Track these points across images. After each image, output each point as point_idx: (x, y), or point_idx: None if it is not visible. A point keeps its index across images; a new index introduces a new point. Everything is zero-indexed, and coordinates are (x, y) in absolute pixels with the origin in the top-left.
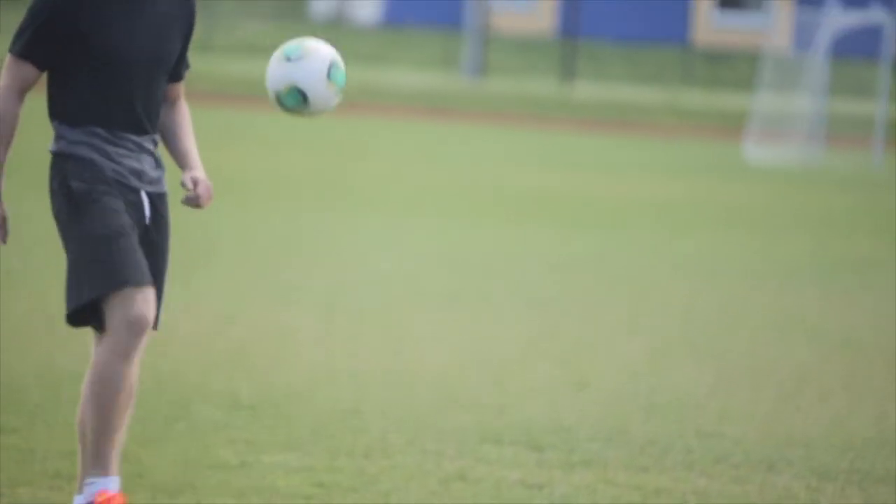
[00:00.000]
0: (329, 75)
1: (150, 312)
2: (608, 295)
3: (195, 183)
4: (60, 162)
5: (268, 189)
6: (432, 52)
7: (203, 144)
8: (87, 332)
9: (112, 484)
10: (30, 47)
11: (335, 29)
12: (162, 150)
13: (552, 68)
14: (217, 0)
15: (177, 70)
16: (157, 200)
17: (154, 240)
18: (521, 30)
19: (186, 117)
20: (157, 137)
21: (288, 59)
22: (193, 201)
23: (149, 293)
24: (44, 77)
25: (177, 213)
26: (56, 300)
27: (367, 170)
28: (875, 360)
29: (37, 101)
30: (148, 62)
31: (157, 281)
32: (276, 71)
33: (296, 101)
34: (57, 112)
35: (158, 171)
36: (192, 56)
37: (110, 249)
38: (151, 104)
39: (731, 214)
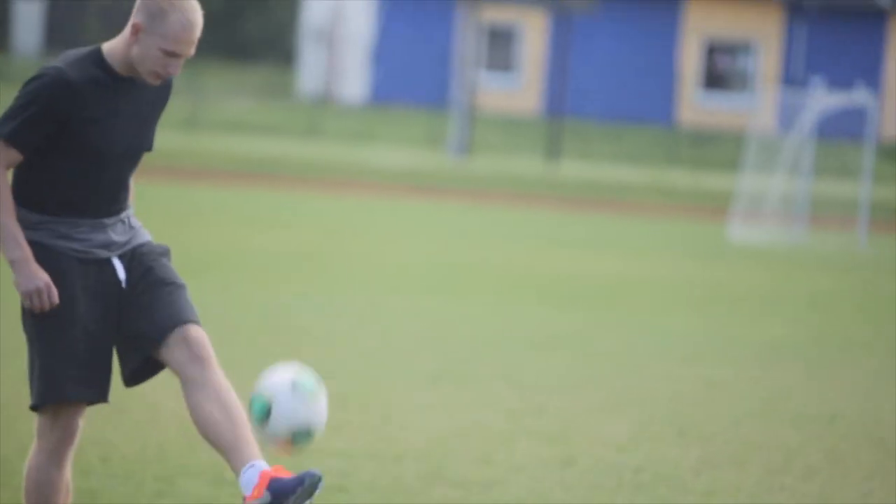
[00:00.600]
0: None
1: (77, 424)
2: (593, 373)
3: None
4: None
5: (252, 267)
6: (418, 131)
7: (187, 221)
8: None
9: None
10: (17, 134)
11: (322, 107)
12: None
13: (538, 147)
14: (204, 77)
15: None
16: (133, 255)
17: (141, 286)
18: (507, 108)
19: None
20: (128, 211)
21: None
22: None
23: (79, 409)
24: None
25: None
26: None
27: (353, 248)
28: (860, 438)
29: None
30: (129, 153)
31: (176, 296)
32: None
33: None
34: (24, 197)
35: (129, 233)
36: (178, 133)
37: (55, 359)
38: (122, 191)
39: (716, 294)
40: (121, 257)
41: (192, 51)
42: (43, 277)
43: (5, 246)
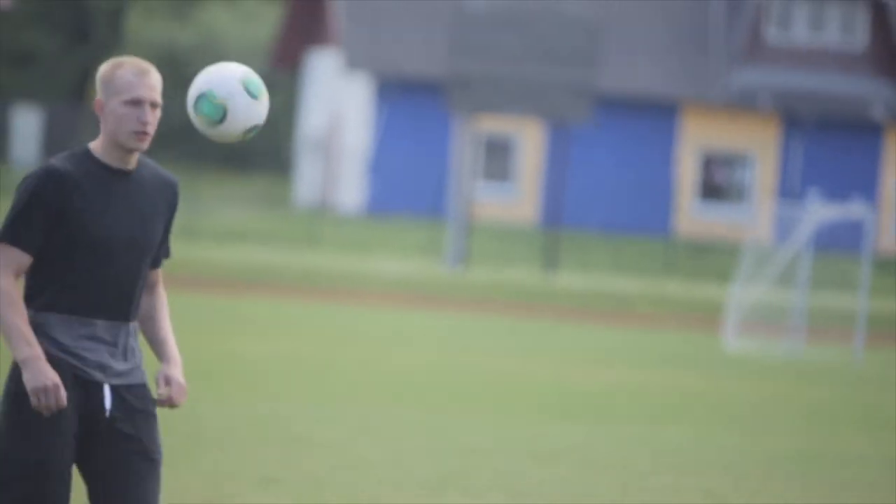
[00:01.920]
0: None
1: None
2: (591, 484)
3: (167, 381)
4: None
5: (249, 375)
6: (415, 240)
7: (186, 330)
8: None
9: None
10: (17, 235)
11: (319, 217)
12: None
13: (535, 257)
14: (201, 186)
15: (156, 256)
16: (126, 392)
17: (122, 430)
18: (504, 218)
19: (164, 304)
20: (136, 326)
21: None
22: (165, 402)
23: None
24: None
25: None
26: None
27: (351, 356)
28: None
29: None
30: (129, 249)
31: (136, 466)
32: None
33: (216, 114)
34: (31, 299)
35: (129, 363)
36: (176, 242)
37: (20, 486)
38: (131, 291)
39: (712, 405)
40: (113, 388)
41: (156, 96)
42: (52, 377)
43: (16, 345)
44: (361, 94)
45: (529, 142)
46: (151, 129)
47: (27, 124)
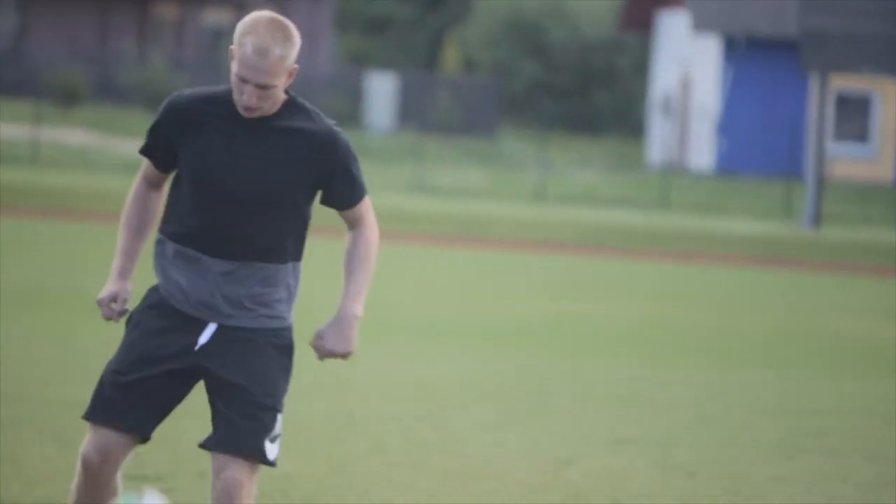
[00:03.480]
0: None
1: (98, 454)
2: None
3: (318, 336)
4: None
5: (593, 336)
6: (767, 201)
7: (536, 292)
8: None
9: None
10: (147, 147)
11: (670, 177)
12: None
13: (892, 217)
14: (551, 150)
15: (338, 201)
16: (233, 333)
17: (220, 370)
18: (860, 178)
19: (356, 247)
20: (268, 269)
21: None
22: (320, 353)
23: (107, 436)
24: None
25: (524, 361)
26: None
27: (699, 319)
28: None
29: None
30: (244, 194)
31: (233, 407)
32: None
33: None
34: (162, 222)
35: (246, 305)
36: (532, 206)
37: (106, 384)
38: (250, 235)
39: None
40: (219, 327)
41: (267, 80)
42: (104, 294)
43: (115, 262)
44: (711, 54)
45: (888, 100)
46: (257, 106)
47: (382, 90)
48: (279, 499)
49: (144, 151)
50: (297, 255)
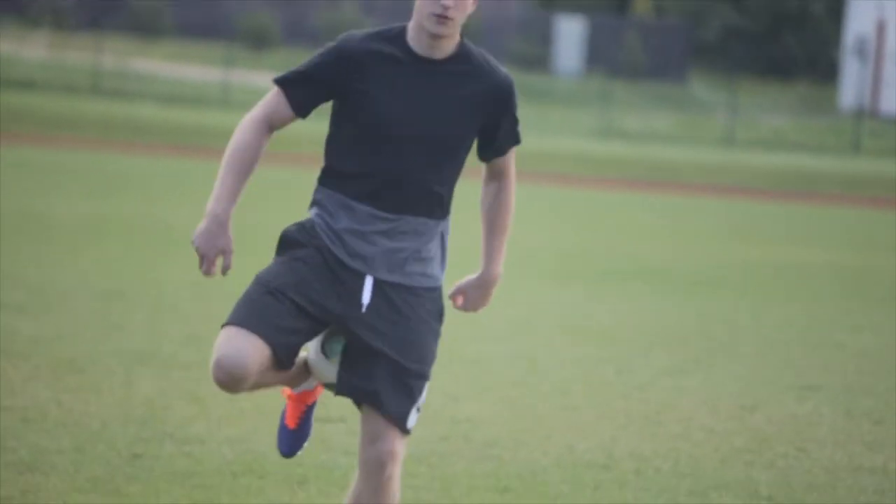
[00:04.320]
0: None
1: (233, 357)
2: None
3: (458, 290)
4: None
5: (775, 281)
6: None
7: (726, 237)
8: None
9: None
10: (288, 82)
11: (862, 121)
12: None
13: None
14: (741, 94)
15: (497, 149)
16: (391, 289)
17: (378, 327)
18: None
19: (501, 198)
20: (436, 224)
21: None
22: (455, 305)
23: (244, 340)
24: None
25: (708, 306)
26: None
27: (888, 265)
28: None
29: None
30: (416, 141)
31: (388, 369)
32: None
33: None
34: (321, 172)
35: (401, 265)
36: (720, 150)
37: (252, 299)
38: (419, 185)
39: None
40: (377, 281)
41: None
42: (215, 250)
43: (213, 195)
44: None
45: None
46: (453, 13)
47: (571, 34)
48: (460, 443)
49: (285, 84)
50: (448, 210)
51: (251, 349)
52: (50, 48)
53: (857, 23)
